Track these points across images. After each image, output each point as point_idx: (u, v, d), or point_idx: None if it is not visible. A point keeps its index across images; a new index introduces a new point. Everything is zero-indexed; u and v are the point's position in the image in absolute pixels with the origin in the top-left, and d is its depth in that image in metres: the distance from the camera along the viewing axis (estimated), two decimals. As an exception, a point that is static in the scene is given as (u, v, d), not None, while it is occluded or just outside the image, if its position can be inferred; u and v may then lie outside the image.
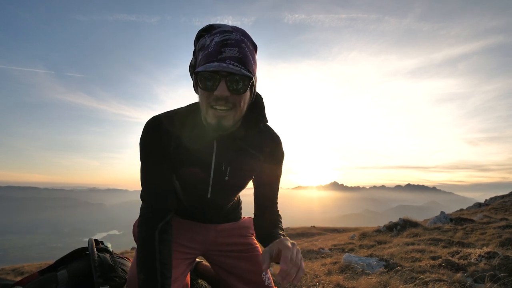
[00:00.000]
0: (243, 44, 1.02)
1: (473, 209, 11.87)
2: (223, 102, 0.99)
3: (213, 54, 0.97)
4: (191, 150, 1.18)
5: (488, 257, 2.84)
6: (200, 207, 1.36)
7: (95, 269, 1.32)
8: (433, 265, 2.82)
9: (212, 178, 1.23)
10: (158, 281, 1.08)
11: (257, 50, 1.12)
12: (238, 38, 1.01)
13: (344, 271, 2.87)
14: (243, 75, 0.97)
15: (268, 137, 1.28)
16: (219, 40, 0.99)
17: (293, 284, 0.92)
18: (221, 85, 0.97)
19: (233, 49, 0.98)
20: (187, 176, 1.22)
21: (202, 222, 1.43)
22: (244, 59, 0.99)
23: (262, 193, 1.36)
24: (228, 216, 1.50)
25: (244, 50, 1.01)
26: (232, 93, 0.99)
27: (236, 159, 1.22)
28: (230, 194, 1.36)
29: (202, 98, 1.03)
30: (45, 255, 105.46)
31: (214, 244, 1.45)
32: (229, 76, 0.97)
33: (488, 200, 14.21)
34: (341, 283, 2.40)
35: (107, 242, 1.63)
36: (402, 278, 2.42)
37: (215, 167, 1.21)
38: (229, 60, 0.96)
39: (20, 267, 7.21)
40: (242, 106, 1.05)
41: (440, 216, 6.90)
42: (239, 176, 1.27)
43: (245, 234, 1.52)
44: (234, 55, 0.98)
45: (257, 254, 1.46)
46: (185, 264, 1.35)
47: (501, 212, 9.05)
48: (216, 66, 0.94)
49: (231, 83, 0.98)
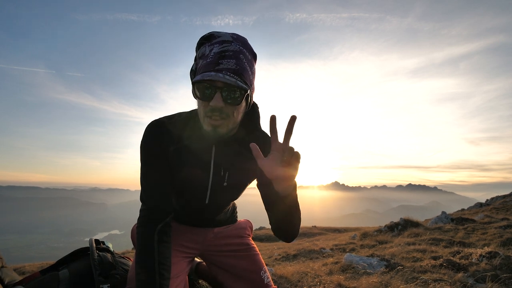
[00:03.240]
0: (241, 55, 1.05)
1: (474, 209, 11.85)
2: (217, 112, 1.03)
3: (211, 64, 1.01)
4: (190, 154, 1.20)
5: (489, 257, 2.84)
6: (198, 213, 1.39)
7: (95, 268, 1.32)
8: (434, 265, 2.81)
9: (210, 183, 1.25)
10: (157, 282, 1.08)
11: (257, 58, 1.14)
12: (237, 49, 1.04)
13: (345, 271, 2.87)
14: (239, 87, 1.00)
15: (264, 141, 1.29)
16: (217, 51, 1.02)
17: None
18: (217, 96, 1.00)
19: (231, 61, 1.01)
20: (185, 181, 1.23)
21: (200, 226, 1.47)
22: (240, 70, 1.02)
23: (267, 192, 1.34)
24: (225, 219, 1.54)
25: (242, 61, 1.04)
26: (227, 104, 1.02)
27: (234, 163, 1.24)
28: (228, 200, 1.39)
29: (199, 107, 1.08)
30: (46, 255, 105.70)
31: (212, 245, 1.48)
32: (225, 87, 1.00)
33: (489, 200, 14.20)
34: (342, 283, 2.40)
35: (108, 242, 1.64)
36: (403, 278, 2.42)
37: (213, 171, 1.23)
38: (225, 71, 0.99)
39: (21, 267, 7.22)
40: (236, 116, 1.08)
41: (441, 216, 6.89)
42: (237, 181, 1.29)
43: (242, 235, 1.55)
44: (231, 67, 1.01)
45: (254, 253, 1.49)
46: (185, 262, 1.37)
47: (502, 212, 9.03)
48: (213, 76, 0.97)
49: (227, 94, 1.01)
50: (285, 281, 2.55)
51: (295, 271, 2.81)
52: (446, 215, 6.91)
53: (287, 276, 2.67)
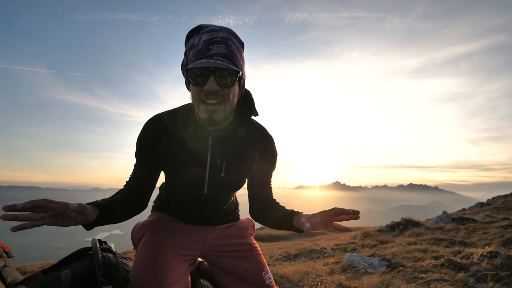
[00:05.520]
0: (230, 42, 1.09)
1: (475, 208, 11.83)
2: (213, 96, 1.06)
3: (202, 51, 1.05)
4: (187, 146, 1.24)
5: (490, 256, 2.84)
6: (199, 205, 1.40)
7: (99, 268, 1.32)
8: (435, 264, 2.81)
9: (208, 174, 1.28)
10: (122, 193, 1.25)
11: (244, 46, 1.19)
12: (225, 36, 1.09)
13: (346, 270, 2.87)
14: (231, 70, 1.04)
15: (262, 135, 1.35)
16: (206, 38, 1.07)
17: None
18: (211, 80, 1.04)
19: (220, 46, 1.06)
20: (183, 172, 1.27)
21: (201, 224, 1.46)
22: (230, 55, 1.07)
23: (259, 191, 1.43)
24: (227, 217, 1.53)
25: (231, 47, 1.08)
26: (221, 87, 1.06)
27: (231, 154, 1.28)
28: (227, 191, 1.39)
29: (194, 94, 1.11)
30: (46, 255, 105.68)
31: (213, 245, 1.46)
32: (217, 71, 1.04)
33: (490, 199, 14.16)
34: (343, 283, 2.40)
35: (110, 242, 1.64)
36: (404, 278, 2.42)
37: (210, 162, 1.26)
38: (216, 56, 1.04)
39: (22, 267, 7.23)
40: (232, 99, 1.11)
41: (442, 215, 6.89)
42: (235, 172, 1.31)
43: (244, 235, 1.54)
44: (221, 52, 1.05)
45: (256, 253, 1.47)
46: (185, 265, 1.36)
47: (503, 211, 9.02)
48: (205, 62, 1.01)
49: (220, 78, 1.04)
50: (286, 281, 2.55)
51: (296, 271, 2.81)
52: (447, 215, 6.90)
53: (288, 276, 2.67)
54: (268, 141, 1.36)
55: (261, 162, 1.35)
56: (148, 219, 1.48)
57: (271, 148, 1.37)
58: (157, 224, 1.40)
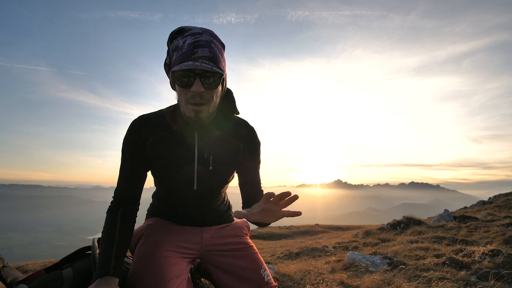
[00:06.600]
0: (213, 45, 1.15)
1: (476, 207, 11.81)
2: (199, 97, 1.12)
3: (187, 54, 1.11)
4: (174, 142, 1.30)
5: (492, 255, 2.83)
6: (190, 206, 1.43)
7: (94, 267, 1.33)
8: (437, 263, 2.81)
9: (196, 169, 1.32)
10: (113, 252, 1.19)
11: (225, 47, 1.25)
12: (208, 39, 1.15)
13: (348, 269, 2.87)
14: (215, 72, 1.11)
15: (244, 127, 1.43)
16: (191, 41, 1.13)
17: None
18: (196, 82, 1.10)
19: (205, 49, 1.12)
20: (171, 168, 1.31)
21: (195, 225, 1.49)
22: (214, 58, 1.13)
23: (247, 181, 1.49)
24: (219, 218, 1.56)
25: (214, 50, 1.15)
26: (207, 88, 1.12)
27: (217, 147, 1.34)
28: (216, 186, 1.42)
29: (180, 95, 1.17)
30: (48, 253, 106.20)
31: (211, 244, 1.48)
32: (203, 74, 1.10)
33: (492, 198, 14.13)
34: (345, 281, 2.41)
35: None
36: (406, 276, 2.42)
37: (198, 156, 1.31)
38: (201, 59, 1.10)
39: (24, 265, 7.27)
40: (215, 99, 1.19)
41: (443, 214, 6.88)
42: (222, 164, 1.37)
43: (239, 234, 1.56)
44: (206, 55, 1.11)
45: (253, 252, 1.49)
46: (185, 262, 1.37)
47: (505, 210, 9.01)
48: (190, 65, 1.07)
49: (205, 80, 1.11)
50: (288, 279, 2.55)
51: (297, 269, 2.82)
52: (448, 213, 6.89)
53: (289, 274, 2.68)
54: (251, 132, 1.44)
55: (246, 152, 1.42)
56: (143, 224, 1.49)
57: (254, 138, 1.44)
58: (153, 227, 1.42)
